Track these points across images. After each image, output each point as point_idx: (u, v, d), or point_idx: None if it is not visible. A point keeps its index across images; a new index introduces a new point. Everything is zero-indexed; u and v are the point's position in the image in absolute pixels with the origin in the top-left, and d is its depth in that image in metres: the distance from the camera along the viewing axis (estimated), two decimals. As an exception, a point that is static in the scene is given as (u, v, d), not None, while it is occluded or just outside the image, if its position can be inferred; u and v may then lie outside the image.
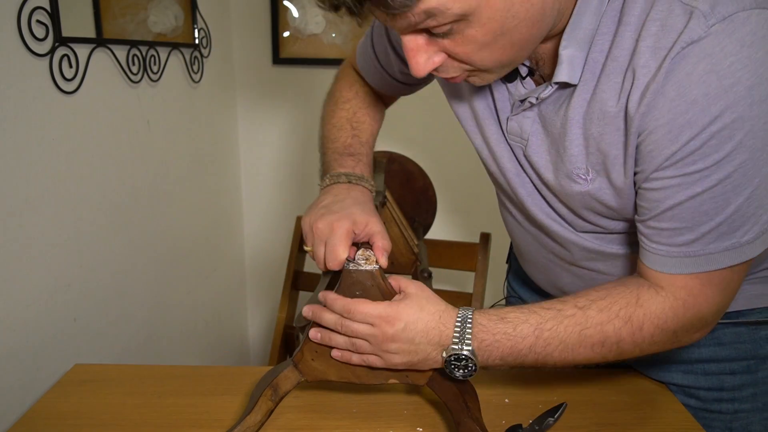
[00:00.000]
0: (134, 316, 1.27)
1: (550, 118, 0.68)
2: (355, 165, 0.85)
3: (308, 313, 0.72)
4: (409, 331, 0.67)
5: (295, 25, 1.74)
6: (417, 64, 0.60)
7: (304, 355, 0.73)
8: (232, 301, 1.90)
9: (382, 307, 0.68)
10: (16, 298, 0.92)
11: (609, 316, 0.65)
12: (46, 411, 0.82)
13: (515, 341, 0.66)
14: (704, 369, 0.81)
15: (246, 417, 0.74)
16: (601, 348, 0.66)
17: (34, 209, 0.95)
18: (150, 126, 1.30)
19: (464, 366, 0.66)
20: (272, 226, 1.94)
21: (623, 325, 0.65)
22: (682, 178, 0.59)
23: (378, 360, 0.69)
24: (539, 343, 0.66)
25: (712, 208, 0.59)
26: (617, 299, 0.66)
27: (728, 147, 0.56)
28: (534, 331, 0.66)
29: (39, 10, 0.92)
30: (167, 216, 1.40)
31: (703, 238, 0.61)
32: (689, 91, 0.55)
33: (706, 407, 0.82)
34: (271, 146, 1.87)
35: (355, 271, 0.70)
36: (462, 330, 0.66)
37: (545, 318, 0.66)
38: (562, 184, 0.70)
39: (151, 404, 0.83)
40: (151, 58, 1.27)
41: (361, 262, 0.70)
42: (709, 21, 0.54)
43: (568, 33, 0.62)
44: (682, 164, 0.58)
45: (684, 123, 0.56)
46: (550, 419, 0.78)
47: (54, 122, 0.99)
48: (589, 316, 0.66)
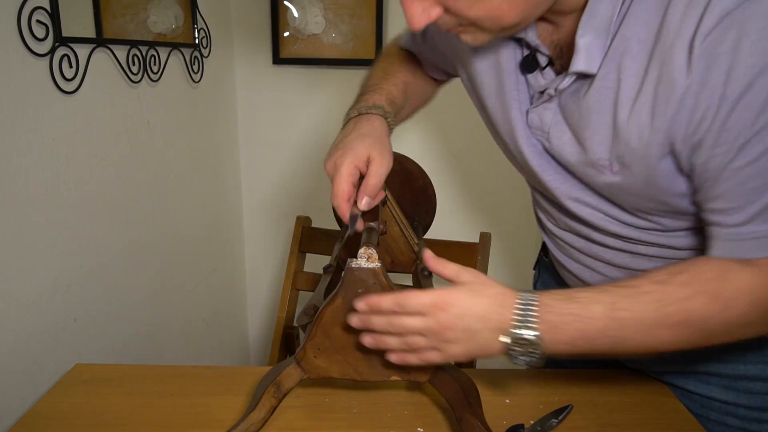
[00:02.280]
0: (134, 316, 1.27)
1: (570, 109, 0.66)
2: (371, 97, 0.81)
3: (357, 324, 0.66)
4: (466, 318, 0.61)
5: (295, 25, 1.74)
6: (412, 15, 0.59)
7: (307, 353, 0.73)
8: (232, 301, 1.90)
9: (435, 294, 0.62)
10: (16, 298, 0.92)
11: (694, 290, 0.59)
12: (47, 411, 0.82)
13: (585, 323, 0.59)
14: (748, 387, 0.77)
15: (249, 414, 0.74)
16: (685, 329, 0.59)
17: (34, 209, 0.95)
18: (150, 126, 1.30)
19: (528, 353, 0.60)
20: (272, 226, 1.94)
21: (710, 301, 0.58)
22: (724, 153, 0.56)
23: (437, 354, 0.64)
24: (612, 324, 0.59)
25: (758, 184, 0.56)
26: (701, 273, 0.60)
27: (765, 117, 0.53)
28: (606, 311, 0.59)
29: (39, 10, 0.92)
30: (167, 216, 1.40)
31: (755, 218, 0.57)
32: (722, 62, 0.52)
33: (744, 426, 0.78)
34: (271, 146, 1.87)
35: (358, 269, 0.70)
36: (525, 311, 0.60)
37: (619, 296, 0.60)
38: (589, 173, 0.67)
39: (151, 404, 0.83)
40: (151, 58, 1.27)
41: (363, 260, 0.70)
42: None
43: (584, 21, 0.60)
44: (727, 140, 0.55)
45: (722, 96, 0.53)
46: (554, 420, 0.78)
47: (54, 122, 0.99)
48: (669, 291, 0.59)
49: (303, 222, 1.45)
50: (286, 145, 1.87)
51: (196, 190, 1.56)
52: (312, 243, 1.45)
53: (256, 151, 1.88)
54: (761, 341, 0.75)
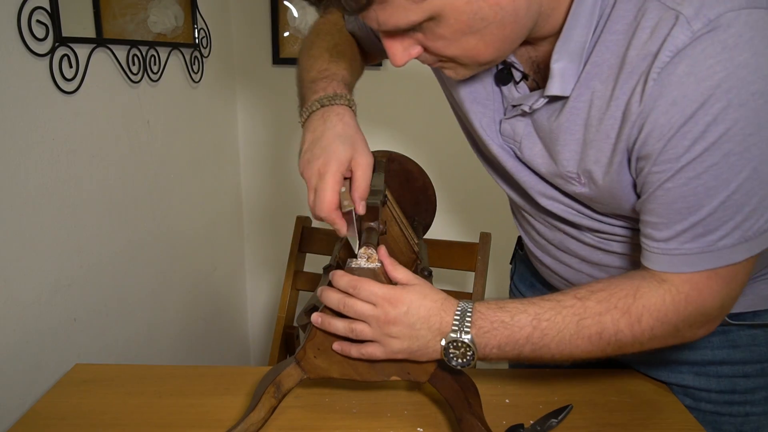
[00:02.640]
0: (134, 316, 1.27)
1: (543, 124, 0.70)
2: (328, 86, 0.78)
3: (319, 294, 0.71)
4: (411, 316, 0.66)
5: (295, 25, 1.74)
6: (394, 55, 0.62)
7: (307, 353, 0.73)
8: (232, 301, 1.90)
9: (387, 288, 0.67)
10: (16, 298, 0.92)
11: (607, 306, 0.65)
12: (47, 411, 0.82)
13: (512, 330, 0.66)
14: (717, 371, 0.81)
15: (249, 414, 0.74)
16: (599, 340, 0.65)
17: (34, 209, 0.95)
18: (150, 126, 1.30)
19: (462, 354, 0.66)
20: (272, 226, 1.94)
21: (621, 316, 0.64)
22: (660, 174, 0.60)
23: (378, 348, 0.69)
24: (536, 333, 0.65)
25: (684, 207, 0.60)
26: (616, 291, 0.66)
27: (699, 147, 0.57)
28: (531, 321, 0.65)
29: (39, 10, 0.92)
30: (167, 216, 1.40)
31: (677, 237, 0.62)
32: (670, 93, 0.56)
33: (717, 410, 0.81)
34: (271, 146, 1.87)
35: (357, 269, 0.70)
36: (462, 317, 0.66)
37: (544, 309, 0.66)
38: (559, 183, 0.71)
39: (151, 404, 0.83)
40: (151, 58, 1.27)
41: (362, 260, 0.70)
42: (693, 26, 0.54)
43: (559, 46, 0.63)
44: (664, 161, 0.59)
45: (664, 122, 0.57)
46: (554, 420, 0.78)
47: (54, 122, 0.99)
48: (588, 307, 0.65)
49: (303, 222, 1.45)
50: (286, 145, 1.87)
51: (196, 189, 1.56)
52: (312, 243, 1.45)
53: (256, 151, 1.88)
54: (724, 327, 0.78)
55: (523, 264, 1.04)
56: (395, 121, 1.83)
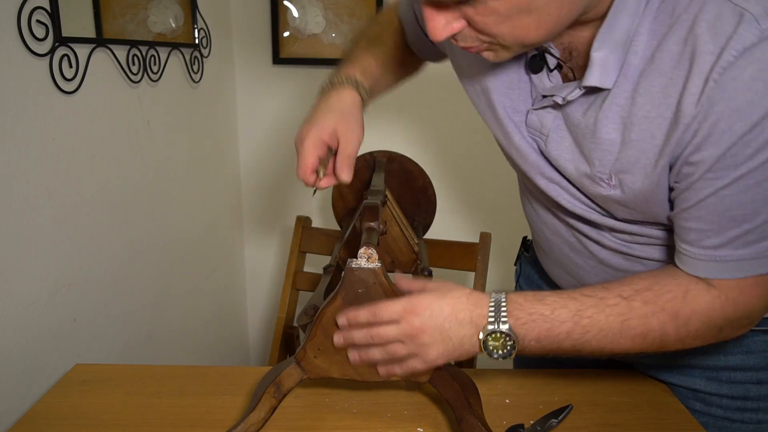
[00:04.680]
0: (134, 316, 1.27)
1: (575, 118, 0.66)
2: (346, 69, 0.80)
3: (340, 342, 0.70)
4: (436, 317, 0.65)
5: (295, 25, 1.74)
6: (434, 28, 0.57)
7: (307, 353, 0.73)
8: (232, 301, 1.90)
9: (405, 300, 0.67)
10: (16, 298, 0.92)
11: (654, 309, 0.63)
12: (46, 411, 0.82)
13: (552, 324, 0.64)
14: (730, 377, 0.79)
15: (249, 414, 0.74)
16: (642, 340, 0.64)
17: (34, 209, 0.95)
18: (150, 126, 1.30)
19: (503, 345, 0.64)
20: (272, 226, 1.94)
21: (669, 320, 0.63)
22: (716, 180, 0.58)
23: (417, 361, 0.68)
24: (577, 329, 0.64)
25: (740, 214, 0.58)
26: (664, 292, 0.64)
27: (763, 156, 0.55)
28: (573, 316, 0.64)
29: (39, 10, 0.92)
30: (167, 216, 1.40)
31: (729, 244, 0.60)
32: (734, 98, 0.53)
33: (728, 416, 0.80)
34: (271, 146, 1.87)
35: (358, 269, 0.70)
36: (497, 308, 0.64)
37: (586, 305, 0.64)
38: (584, 183, 0.68)
39: (151, 404, 0.83)
40: (151, 58, 1.27)
41: (363, 260, 0.70)
42: (762, 25, 0.52)
43: (602, 34, 0.59)
44: (721, 169, 0.57)
45: (725, 129, 0.55)
46: (554, 420, 0.78)
47: (54, 122, 0.99)
48: (634, 308, 0.64)
49: (303, 222, 1.45)
50: (286, 145, 1.87)
51: (196, 190, 1.56)
52: (312, 243, 1.45)
53: (256, 151, 1.88)
54: None
55: (530, 266, 1.02)
56: (395, 121, 1.83)
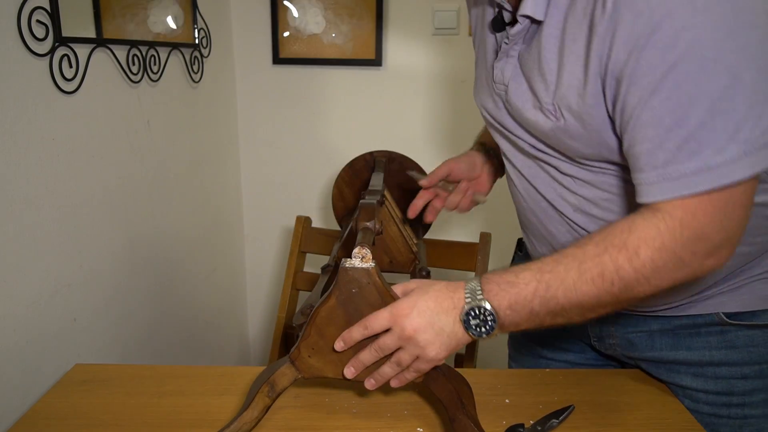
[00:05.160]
0: (134, 316, 1.27)
1: (525, 59, 0.72)
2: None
3: (353, 374, 0.73)
4: (423, 313, 0.67)
5: (295, 25, 1.74)
6: None
7: (301, 353, 0.73)
8: (232, 301, 1.90)
9: (390, 306, 0.69)
10: (16, 298, 0.92)
11: (605, 246, 0.64)
12: (46, 411, 0.82)
13: (519, 288, 0.66)
14: (715, 372, 0.80)
15: (242, 414, 0.74)
16: (602, 281, 0.64)
17: (34, 209, 0.95)
18: (150, 126, 1.30)
19: (483, 321, 0.66)
20: (272, 226, 1.94)
21: (618, 252, 0.63)
22: (639, 92, 0.59)
23: (422, 362, 0.70)
24: (541, 286, 0.65)
25: (672, 121, 0.59)
26: (612, 230, 0.65)
27: (673, 56, 0.56)
28: (535, 275, 0.66)
29: (39, 10, 0.92)
30: (167, 216, 1.40)
31: (674, 158, 0.60)
32: (634, 3, 0.57)
33: (715, 412, 0.81)
34: (271, 146, 1.87)
35: (351, 269, 0.70)
36: (472, 288, 0.67)
37: (545, 262, 0.66)
38: (539, 121, 0.72)
39: (151, 404, 0.83)
40: (151, 58, 1.27)
41: (357, 260, 0.70)
42: None
43: None
44: (642, 76, 0.59)
45: (631, 34, 0.58)
46: (554, 421, 0.78)
47: (54, 122, 0.99)
48: (587, 251, 0.65)
49: (303, 222, 1.45)
50: (286, 145, 1.87)
51: (196, 189, 1.56)
52: (312, 243, 1.45)
53: (256, 151, 1.88)
54: (722, 327, 0.78)
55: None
56: (395, 121, 1.83)
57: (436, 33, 1.74)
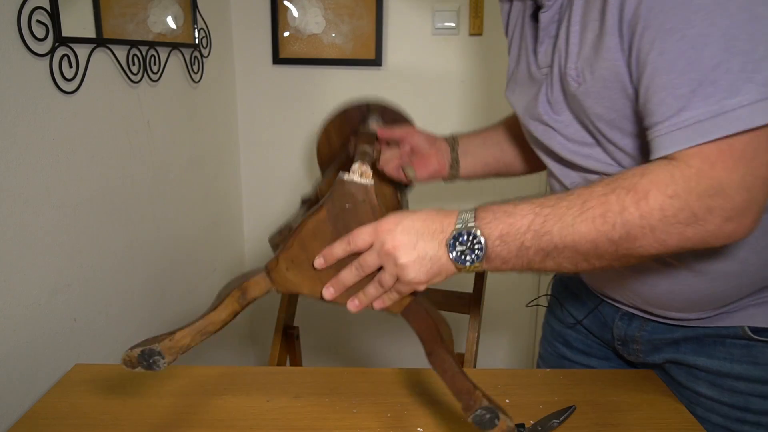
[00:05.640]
0: (134, 316, 1.27)
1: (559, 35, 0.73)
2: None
3: (330, 296, 0.70)
4: (408, 230, 0.64)
5: (295, 25, 1.74)
6: None
7: (279, 264, 0.70)
8: (232, 301, 1.90)
9: (376, 222, 0.66)
10: (16, 298, 0.92)
11: (613, 187, 0.60)
12: (46, 411, 0.82)
13: (514, 218, 0.62)
14: (732, 385, 0.78)
15: (210, 313, 0.71)
16: (603, 222, 0.59)
17: (34, 209, 0.95)
18: (150, 126, 1.30)
19: (471, 248, 0.63)
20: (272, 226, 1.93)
21: (626, 194, 0.59)
22: (652, 34, 0.57)
23: (401, 285, 0.67)
24: (538, 219, 0.61)
25: (686, 63, 0.55)
26: (624, 173, 0.61)
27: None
28: (534, 208, 0.62)
29: (39, 10, 0.92)
30: (167, 216, 1.40)
31: (688, 103, 0.56)
32: None
33: (727, 425, 0.79)
34: (271, 146, 1.87)
35: (349, 183, 0.66)
36: (464, 214, 0.64)
37: (549, 198, 0.63)
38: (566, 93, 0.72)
39: (151, 404, 0.83)
40: (151, 58, 1.27)
41: (355, 174, 0.66)
42: None
43: None
44: (648, 20, 0.57)
45: None
46: (555, 421, 0.78)
47: (54, 122, 0.99)
48: (594, 190, 0.61)
49: (303, 222, 1.45)
50: (286, 145, 1.87)
51: (196, 189, 1.56)
52: (312, 243, 1.44)
53: (256, 151, 1.88)
54: (747, 341, 0.76)
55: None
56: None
57: (436, 33, 1.74)
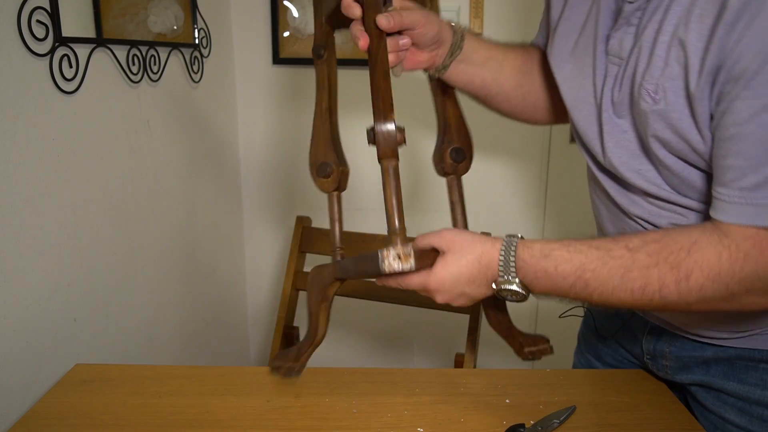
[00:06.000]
0: (134, 316, 1.27)
1: (646, 34, 0.63)
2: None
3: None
4: (454, 287, 0.69)
5: (295, 25, 1.74)
6: None
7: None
8: (232, 301, 1.90)
9: (423, 278, 0.69)
10: (16, 298, 0.92)
11: (657, 260, 0.60)
12: (47, 411, 0.82)
13: (555, 280, 0.65)
14: (762, 414, 0.74)
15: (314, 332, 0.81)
16: (641, 295, 0.61)
17: (34, 209, 0.95)
18: (150, 126, 1.30)
19: (514, 297, 0.68)
20: (272, 226, 1.94)
21: (669, 271, 0.59)
22: (753, 101, 0.53)
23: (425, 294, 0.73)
24: (579, 283, 0.64)
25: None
26: (670, 243, 0.60)
27: None
28: (576, 271, 0.64)
29: (39, 10, 0.92)
30: (167, 216, 1.40)
31: (766, 183, 0.54)
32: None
33: None
34: (271, 146, 1.87)
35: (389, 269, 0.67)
36: (506, 267, 0.67)
37: (590, 259, 0.63)
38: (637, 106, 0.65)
39: (151, 404, 0.83)
40: (151, 58, 1.27)
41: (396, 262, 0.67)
42: None
43: None
44: (754, 85, 0.52)
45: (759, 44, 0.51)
46: (556, 421, 0.78)
47: (54, 122, 0.99)
48: (637, 260, 0.61)
49: (303, 222, 1.45)
50: (286, 145, 1.87)
51: (196, 190, 1.56)
52: (312, 243, 1.45)
53: (256, 151, 1.88)
54: None
55: None
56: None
57: (436, 33, 1.74)
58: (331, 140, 0.88)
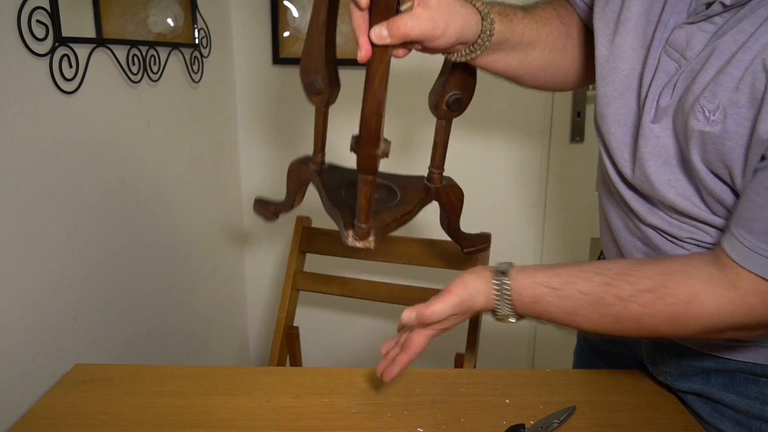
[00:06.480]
0: (134, 316, 1.27)
1: (725, 40, 0.54)
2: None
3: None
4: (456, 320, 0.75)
5: (295, 25, 1.74)
6: None
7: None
8: (232, 301, 1.90)
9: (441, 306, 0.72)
10: (16, 298, 0.92)
11: (652, 311, 0.59)
12: (46, 411, 0.82)
13: (548, 318, 0.69)
14: (760, 428, 0.72)
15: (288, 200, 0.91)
16: (633, 329, 0.64)
17: (34, 209, 0.95)
18: (150, 126, 1.30)
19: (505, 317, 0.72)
20: (272, 226, 1.94)
21: (665, 321, 0.59)
22: None
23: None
24: (572, 324, 0.68)
25: None
26: (666, 295, 0.58)
27: None
28: (566, 315, 0.67)
29: (39, 10, 0.92)
30: (167, 216, 1.40)
31: None
32: None
33: None
34: (271, 146, 1.87)
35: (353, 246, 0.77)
36: (501, 296, 0.70)
37: (581, 305, 0.65)
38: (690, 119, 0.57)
39: (151, 404, 0.83)
40: (151, 58, 1.27)
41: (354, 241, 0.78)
42: None
43: None
44: None
45: None
46: (555, 421, 0.78)
47: (54, 122, 0.99)
48: (630, 310, 0.61)
49: (303, 222, 1.45)
50: (286, 145, 1.87)
51: (196, 189, 1.56)
52: (312, 243, 1.45)
53: (256, 151, 1.88)
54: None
55: None
56: (394, 121, 1.83)
57: (436, 33, 1.74)
58: (325, 56, 0.80)
